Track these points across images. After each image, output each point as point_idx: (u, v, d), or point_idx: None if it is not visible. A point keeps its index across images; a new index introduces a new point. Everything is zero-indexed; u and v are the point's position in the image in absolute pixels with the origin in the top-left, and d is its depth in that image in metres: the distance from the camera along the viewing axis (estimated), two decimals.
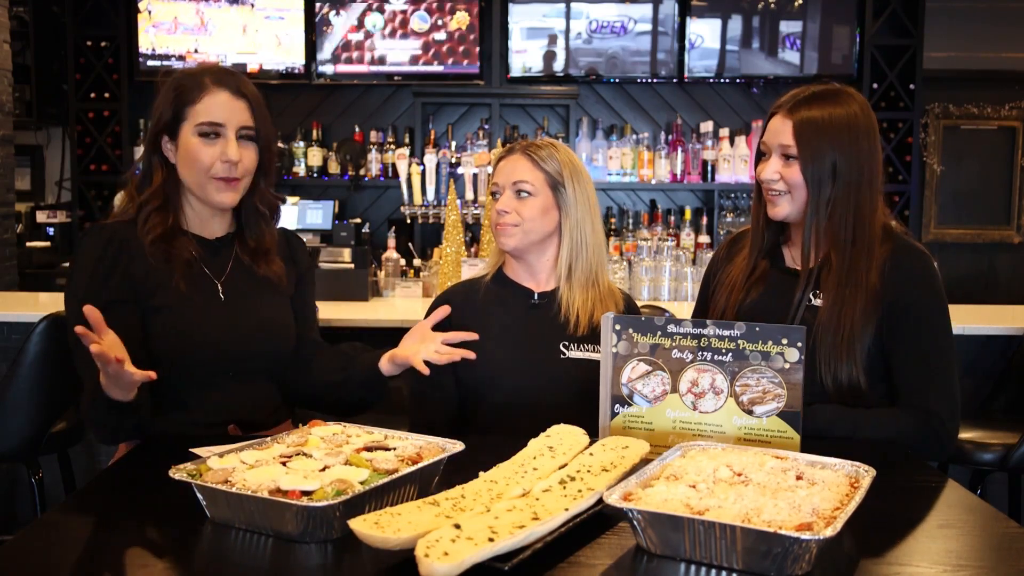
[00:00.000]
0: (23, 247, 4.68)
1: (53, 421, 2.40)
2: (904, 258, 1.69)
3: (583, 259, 1.87)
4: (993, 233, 5.48)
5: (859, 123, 1.69)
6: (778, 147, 1.71)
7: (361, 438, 1.34)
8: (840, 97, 1.71)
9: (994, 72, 5.33)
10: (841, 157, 1.67)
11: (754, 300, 1.78)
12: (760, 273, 1.81)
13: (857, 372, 1.65)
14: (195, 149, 1.66)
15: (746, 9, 4.70)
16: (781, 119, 1.71)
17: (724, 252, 1.94)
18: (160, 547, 1.12)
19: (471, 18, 4.70)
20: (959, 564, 1.07)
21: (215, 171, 1.66)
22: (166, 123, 1.68)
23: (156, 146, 1.70)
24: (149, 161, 1.71)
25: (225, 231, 1.78)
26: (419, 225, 4.39)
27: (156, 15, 4.74)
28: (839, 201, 1.68)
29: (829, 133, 1.67)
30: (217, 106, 1.66)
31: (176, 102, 1.67)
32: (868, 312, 1.66)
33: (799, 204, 1.71)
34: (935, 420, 1.63)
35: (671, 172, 4.72)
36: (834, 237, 1.69)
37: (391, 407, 1.89)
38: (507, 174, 1.86)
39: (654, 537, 1.07)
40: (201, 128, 1.66)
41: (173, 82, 1.70)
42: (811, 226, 1.70)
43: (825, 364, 1.65)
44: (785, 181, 1.71)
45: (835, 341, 1.65)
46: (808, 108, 1.69)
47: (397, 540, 0.99)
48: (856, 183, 1.68)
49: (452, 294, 1.95)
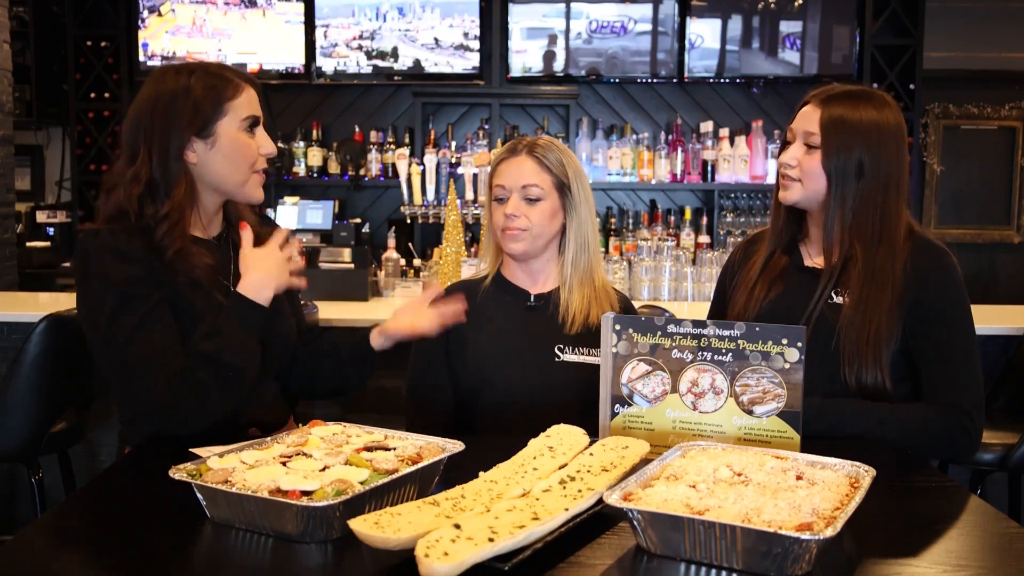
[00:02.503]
0: (23, 247, 4.68)
1: (53, 421, 2.39)
2: (925, 256, 1.69)
3: (584, 259, 1.87)
4: (993, 233, 5.48)
5: (889, 127, 1.70)
6: (803, 134, 1.72)
7: (361, 438, 1.34)
8: (874, 100, 1.72)
9: (994, 72, 5.33)
10: (868, 157, 1.68)
11: (773, 299, 1.77)
12: (779, 271, 1.80)
13: (883, 374, 1.64)
14: (244, 143, 1.63)
15: (746, 9, 4.70)
16: (812, 108, 1.72)
17: (741, 253, 1.94)
18: (160, 547, 1.11)
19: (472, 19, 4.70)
20: (959, 564, 1.07)
21: (258, 164, 1.66)
22: (201, 122, 1.59)
23: (179, 151, 1.60)
24: (165, 170, 1.60)
25: (220, 229, 1.75)
26: (419, 225, 4.39)
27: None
28: (866, 198, 1.68)
29: (857, 131, 1.68)
30: (254, 100, 1.66)
31: (214, 99, 1.60)
32: (893, 311, 1.65)
33: (809, 192, 1.72)
34: (963, 415, 1.62)
35: (671, 172, 4.72)
36: (860, 234, 1.69)
37: (391, 407, 1.89)
38: (514, 177, 1.83)
39: (654, 537, 1.07)
40: (249, 121, 1.64)
41: (197, 80, 1.60)
42: (834, 218, 1.70)
43: (848, 364, 1.64)
44: (801, 168, 1.71)
45: (860, 341, 1.64)
46: (841, 104, 1.70)
47: (397, 540, 0.99)
48: (884, 184, 1.69)
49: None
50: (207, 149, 1.62)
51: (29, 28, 4.76)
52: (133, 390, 1.53)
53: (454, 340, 1.86)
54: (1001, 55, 5.34)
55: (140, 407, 1.56)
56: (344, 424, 1.40)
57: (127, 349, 1.51)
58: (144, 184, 1.60)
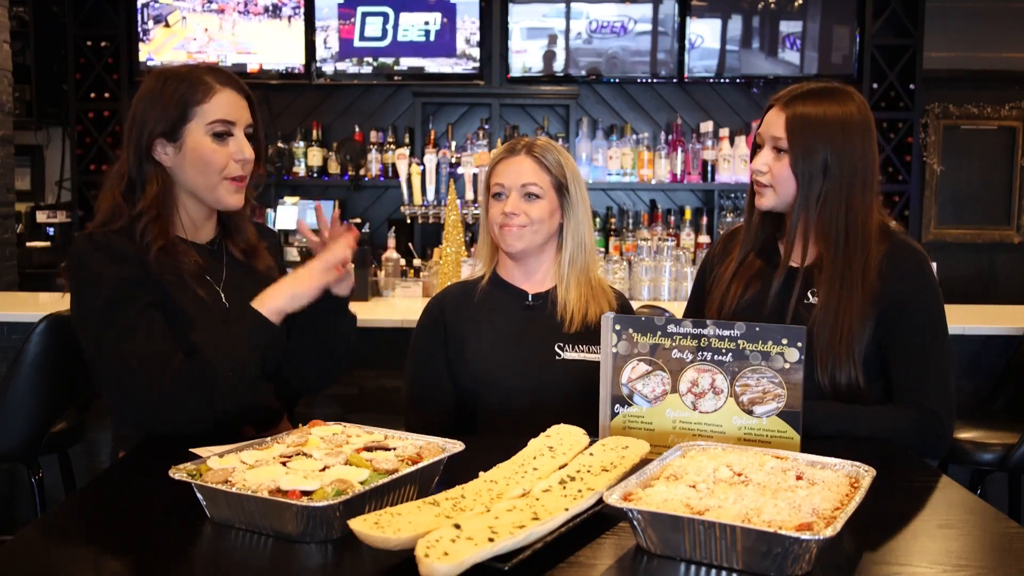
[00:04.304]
0: (23, 247, 4.69)
1: (53, 421, 2.40)
2: (900, 257, 1.69)
3: (582, 258, 1.88)
4: (993, 233, 5.48)
5: (854, 122, 1.69)
6: (770, 139, 1.72)
7: (361, 438, 1.34)
8: (837, 95, 1.71)
9: (994, 72, 5.33)
10: (833, 154, 1.67)
11: (749, 298, 1.78)
12: (755, 269, 1.81)
13: (856, 372, 1.65)
14: (209, 149, 1.61)
15: (746, 9, 4.71)
16: (776, 112, 1.72)
17: (720, 248, 1.94)
18: (160, 547, 1.11)
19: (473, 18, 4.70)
20: (959, 564, 1.07)
21: (229, 171, 1.63)
22: (167, 125, 1.61)
23: (148, 151, 1.62)
24: (139, 168, 1.62)
25: (213, 235, 1.74)
26: (419, 225, 4.39)
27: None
28: (829, 198, 1.68)
29: (821, 130, 1.67)
30: (228, 104, 1.63)
31: (180, 102, 1.60)
32: (865, 311, 1.66)
33: (783, 197, 1.72)
34: (932, 417, 1.64)
35: (671, 172, 4.72)
36: (825, 234, 1.69)
37: (391, 407, 1.89)
38: (513, 176, 1.84)
39: (654, 537, 1.07)
40: (215, 127, 1.61)
41: (171, 82, 1.62)
42: (799, 220, 1.71)
43: (822, 363, 1.65)
44: (772, 174, 1.72)
45: (832, 340, 1.65)
46: (804, 103, 1.69)
47: (397, 540, 0.99)
48: (848, 181, 1.68)
49: (447, 296, 1.95)
50: (176, 152, 1.63)
51: (29, 28, 4.76)
52: (123, 390, 1.53)
53: (453, 340, 1.87)
54: (1001, 55, 5.34)
55: (129, 407, 1.56)
56: (344, 424, 1.40)
57: (118, 349, 1.51)
58: (125, 182, 1.63)
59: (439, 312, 1.91)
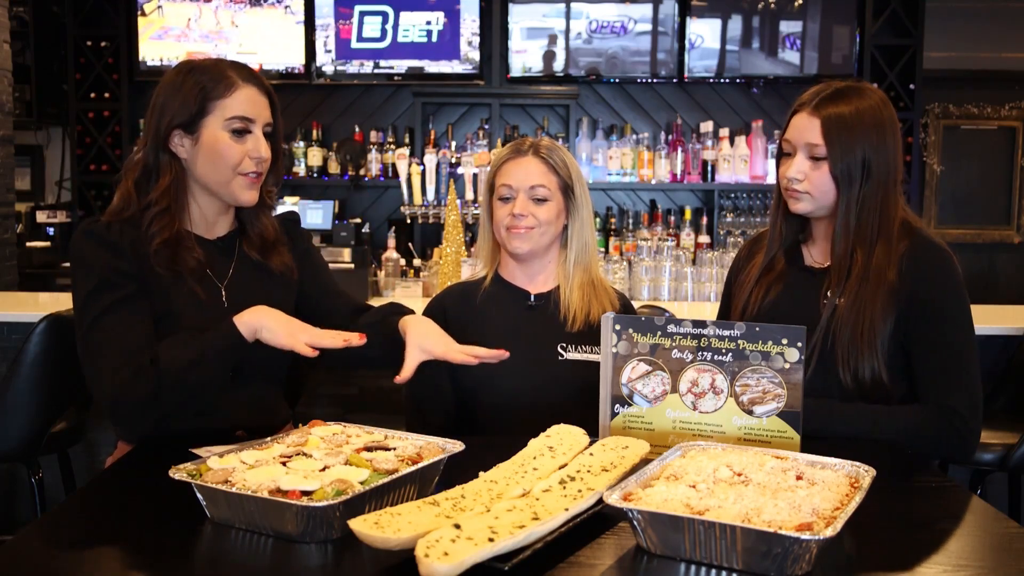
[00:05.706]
0: (23, 247, 4.68)
1: (53, 421, 2.39)
2: (923, 254, 1.67)
3: (585, 259, 1.88)
4: (993, 233, 5.48)
5: (884, 118, 1.66)
6: (805, 146, 1.67)
7: (361, 438, 1.34)
8: (864, 93, 1.68)
9: (994, 72, 5.33)
10: (872, 153, 1.64)
11: (773, 299, 1.76)
12: (779, 272, 1.79)
13: (879, 365, 1.62)
14: (225, 144, 1.60)
15: (746, 9, 4.70)
16: (807, 117, 1.66)
17: (746, 252, 1.92)
18: (160, 547, 1.12)
19: None
20: (959, 564, 1.07)
21: (244, 167, 1.62)
22: (185, 117, 1.60)
23: (165, 142, 1.61)
24: (155, 158, 1.62)
25: (227, 230, 1.73)
26: (419, 225, 4.39)
27: (168, 18, 4.73)
28: (868, 198, 1.66)
29: (857, 129, 1.64)
30: (248, 101, 1.62)
31: (201, 95, 1.59)
32: (887, 307, 1.63)
33: (821, 202, 1.69)
34: (956, 418, 1.60)
35: (671, 172, 4.72)
36: (860, 235, 1.67)
37: (391, 407, 1.89)
38: (521, 177, 1.83)
39: (654, 537, 1.07)
40: (233, 123, 1.60)
41: (193, 74, 1.61)
42: (843, 224, 1.67)
43: (844, 360, 1.63)
44: (810, 181, 1.67)
45: (853, 335, 1.62)
46: (835, 104, 1.65)
47: (397, 540, 0.99)
48: (884, 179, 1.66)
49: (447, 296, 1.95)
50: (192, 145, 1.62)
51: (29, 28, 4.75)
52: (89, 375, 1.54)
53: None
54: (1001, 55, 5.34)
55: (94, 393, 1.56)
56: (344, 424, 1.40)
57: (90, 334, 1.53)
58: (140, 170, 1.64)
59: (440, 312, 1.91)
